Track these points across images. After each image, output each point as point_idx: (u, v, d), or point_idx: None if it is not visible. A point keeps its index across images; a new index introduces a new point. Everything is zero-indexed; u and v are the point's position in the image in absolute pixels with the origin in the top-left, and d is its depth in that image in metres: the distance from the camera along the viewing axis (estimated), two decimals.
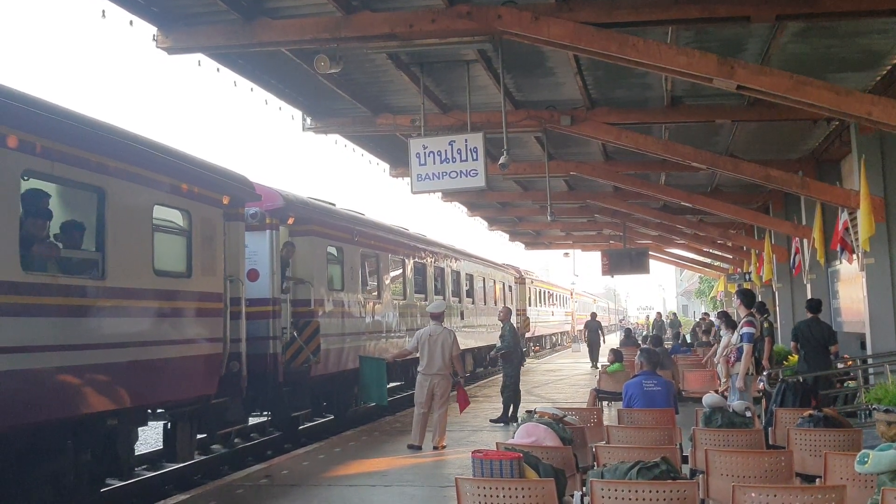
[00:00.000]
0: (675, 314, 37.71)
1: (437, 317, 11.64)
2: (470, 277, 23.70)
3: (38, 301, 7.04)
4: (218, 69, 10.53)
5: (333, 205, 14.66)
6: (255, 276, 11.68)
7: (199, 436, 10.58)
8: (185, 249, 9.33)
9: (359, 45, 9.50)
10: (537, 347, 40.03)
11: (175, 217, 9.31)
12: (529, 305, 35.76)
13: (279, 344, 11.87)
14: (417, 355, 11.45)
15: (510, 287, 30.84)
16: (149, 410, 9.24)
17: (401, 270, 17.42)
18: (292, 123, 13.11)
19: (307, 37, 8.96)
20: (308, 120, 13.34)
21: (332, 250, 13.85)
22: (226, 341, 9.98)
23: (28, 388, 6.91)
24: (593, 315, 33.20)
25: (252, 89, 11.49)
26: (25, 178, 7.06)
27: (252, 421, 14.24)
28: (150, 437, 13.55)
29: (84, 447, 8.03)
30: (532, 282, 37.48)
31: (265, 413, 12.73)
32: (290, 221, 12.52)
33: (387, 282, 16.37)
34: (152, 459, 11.54)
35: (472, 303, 23.75)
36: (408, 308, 17.32)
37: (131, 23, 8.78)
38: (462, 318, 22.09)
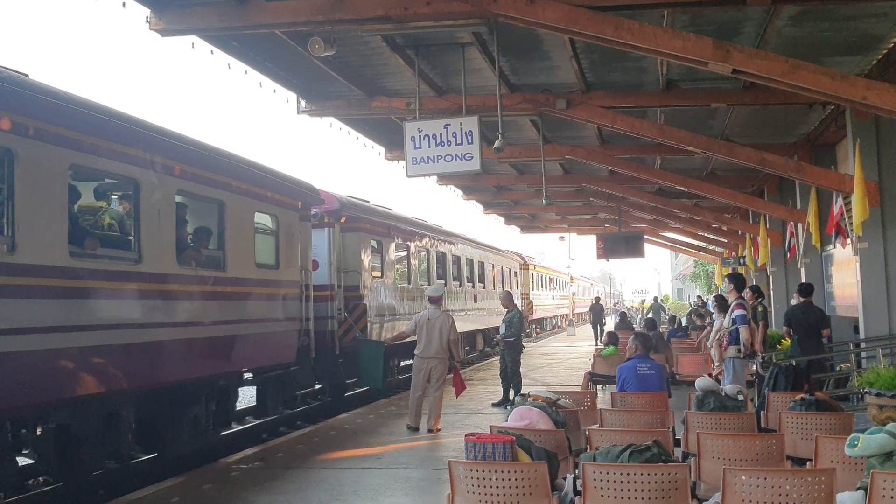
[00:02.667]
0: (656, 298, 37.70)
1: (436, 300, 11.72)
2: (481, 264, 26.34)
3: (188, 289, 9.41)
4: (212, 52, 10.47)
5: (368, 202, 16.74)
6: (316, 266, 13.71)
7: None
8: (274, 246, 11.68)
9: (353, 28, 9.44)
10: (539, 330, 41.92)
11: (267, 221, 11.64)
12: (532, 290, 38.08)
13: (335, 322, 14.10)
14: (415, 338, 11.57)
15: (515, 273, 33.37)
16: (246, 375, 11.68)
17: (425, 259, 19.96)
18: (287, 106, 13.13)
19: (301, 19, 8.91)
20: (303, 103, 13.28)
21: (374, 243, 16.18)
22: (302, 320, 12.50)
23: (179, 352, 9.28)
24: (597, 299, 37.42)
25: (246, 72, 11.43)
26: (179, 196, 9.43)
27: (248, 404, 14.41)
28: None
29: (210, 400, 10.35)
30: (535, 267, 39.73)
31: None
32: (343, 220, 14.73)
33: (414, 269, 18.84)
34: (252, 412, 13.89)
35: (484, 287, 26.18)
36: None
37: (124, 4, 8.74)
38: (475, 301, 24.63)
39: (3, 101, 6.91)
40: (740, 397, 7.74)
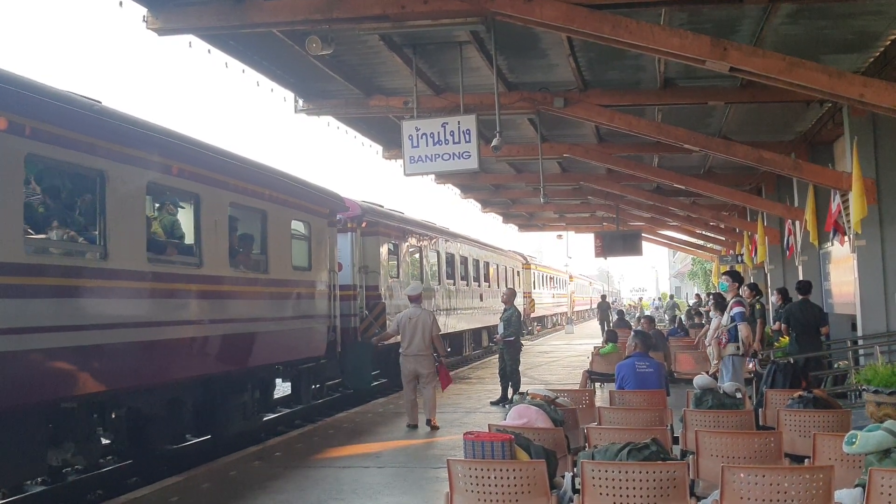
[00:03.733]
0: (671, 295, 37.99)
1: (416, 299, 11.89)
2: (486, 264, 27.84)
3: (238, 289, 10.58)
4: (209, 51, 10.45)
5: (382, 206, 17.95)
6: (340, 267, 14.72)
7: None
8: (307, 250, 12.82)
9: (351, 27, 9.43)
10: (540, 328, 43.30)
11: (301, 227, 12.73)
12: (534, 288, 39.66)
13: (357, 320, 15.41)
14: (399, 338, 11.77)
15: (518, 272, 34.97)
16: (278, 367, 12.55)
17: (436, 259, 21.31)
18: (284, 105, 13.13)
19: (299, 18, 8.90)
20: (300, 102, 13.27)
21: (391, 246, 17.44)
22: (330, 317, 13.61)
23: (230, 346, 10.42)
24: (603, 297, 40.79)
25: (244, 71, 11.41)
26: (231, 207, 10.52)
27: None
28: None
29: (255, 388, 11.56)
30: (536, 267, 41.41)
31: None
32: (364, 225, 16.07)
33: (426, 269, 20.21)
34: (285, 401, 14.92)
35: (489, 286, 27.57)
36: (442, 290, 21.27)
37: (121, 3, 8.72)
38: (481, 299, 25.98)
39: (99, 130, 8.02)
40: (739, 395, 7.74)
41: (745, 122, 15.06)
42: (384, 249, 16.84)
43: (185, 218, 10.04)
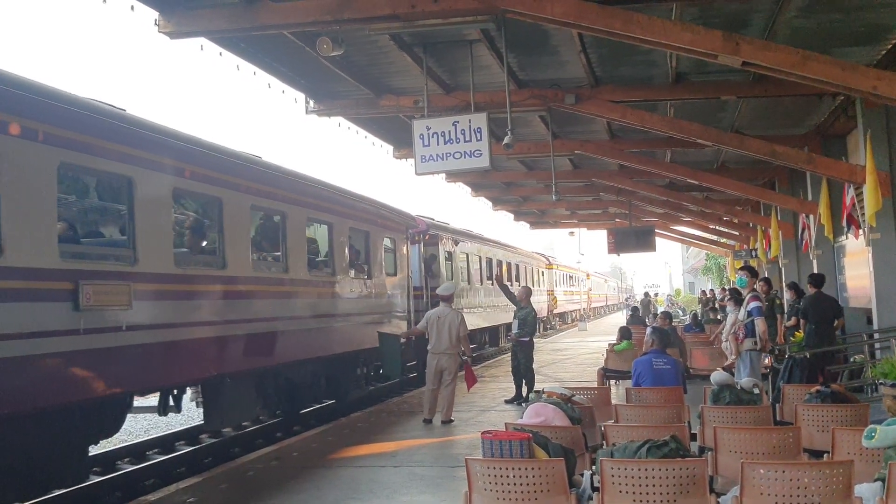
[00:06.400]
0: (705, 291, 37.65)
1: (446, 298, 12.02)
2: (517, 266, 31.48)
3: (355, 291, 13.94)
4: (220, 53, 10.50)
5: (433, 219, 21.15)
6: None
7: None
8: (393, 259, 16.27)
9: (361, 27, 9.46)
10: (561, 323, 45.27)
11: (389, 242, 16.13)
12: (555, 287, 42.47)
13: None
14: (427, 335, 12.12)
15: (542, 272, 38.16)
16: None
17: (477, 263, 24.83)
18: (295, 106, 13.19)
19: (309, 19, 8.92)
20: (311, 103, 13.31)
21: (446, 253, 20.95)
22: (408, 311, 16.70)
23: (350, 332, 13.43)
24: (646, 294, 42.40)
25: (255, 73, 11.46)
26: (350, 231, 13.71)
27: None
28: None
29: (364, 365, 14.64)
30: (557, 266, 44.33)
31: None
32: (427, 238, 19.34)
33: (471, 271, 23.84)
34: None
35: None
36: (483, 289, 24.61)
37: (132, 7, 8.77)
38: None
39: (129, 138, 8.38)
40: (756, 391, 7.71)
41: (757, 117, 14.99)
42: (442, 256, 20.46)
43: (321, 239, 13.38)
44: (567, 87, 12.38)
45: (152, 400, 9.92)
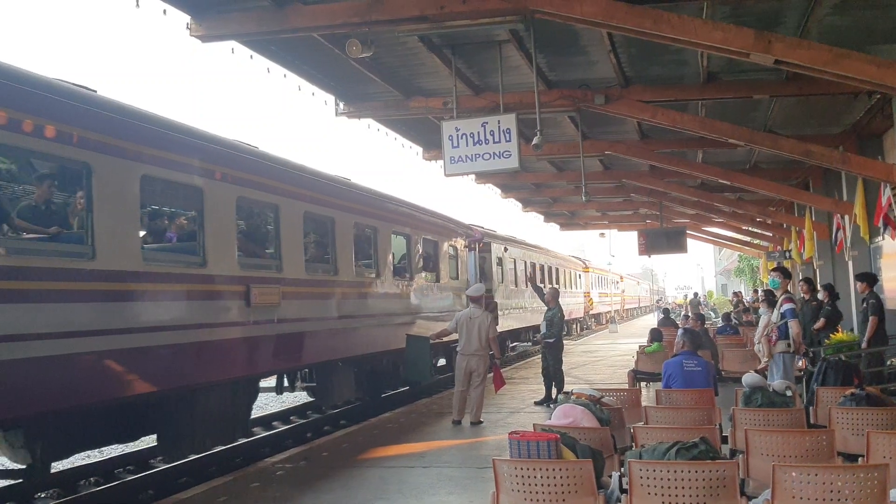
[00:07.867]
0: (685, 297, 40.22)
1: (476, 300, 12.00)
2: (558, 269, 33.83)
3: (426, 292, 16.30)
4: (251, 56, 10.60)
5: (483, 227, 22.46)
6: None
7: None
8: (455, 265, 18.53)
9: (390, 29, 9.48)
10: (597, 325, 46.52)
11: (453, 250, 18.35)
12: (591, 289, 44.53)
13: None
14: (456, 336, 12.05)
15: (580, 275, 40.50)
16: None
17: (523, 268, 26.50)
18: (325, 108, 13.27)
19: (338, 21, 8.97)
20: (341, 105, 13.37)
21: (497, 259, 22.99)
22: None
23: (423, 327, 15.07)
24: (696, 294, 46.79)
25: (285, 75, 11.55)
26: (422, 241, 16.14)
27: (292, 403, 14.58)
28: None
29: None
30: (593, 270, 46.69)
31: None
32: (481, 245, 21.14)
33: (518, 275, 25.64)
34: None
35: (564, 287, 33.38)
36: (528, 291, 25.22)
37: (165, 12, 8.88)
38: None
39: (279, 176, 10.78)
40: (788, 393, 7.60)
41: (790, 116, 14.79)
42: (494, 261, 22.51)
43: (398, 251, 15.15)
44: (597, 88, 12.32)
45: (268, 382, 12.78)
